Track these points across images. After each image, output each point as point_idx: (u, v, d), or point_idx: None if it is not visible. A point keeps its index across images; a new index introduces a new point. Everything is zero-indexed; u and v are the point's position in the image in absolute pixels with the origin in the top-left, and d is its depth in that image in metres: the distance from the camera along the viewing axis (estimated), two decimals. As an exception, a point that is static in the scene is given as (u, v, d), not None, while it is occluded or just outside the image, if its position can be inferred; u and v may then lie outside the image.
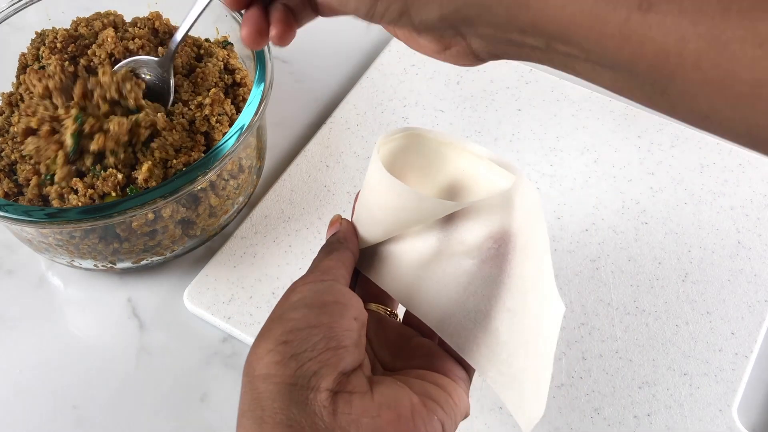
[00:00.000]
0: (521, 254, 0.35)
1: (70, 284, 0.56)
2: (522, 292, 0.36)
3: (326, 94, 0.67)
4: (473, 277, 0.35)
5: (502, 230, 0.35)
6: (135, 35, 0.55)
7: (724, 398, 0.48)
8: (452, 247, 0.36)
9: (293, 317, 0.33)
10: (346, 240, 0.38)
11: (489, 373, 0.35)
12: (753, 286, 0.53)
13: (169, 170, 0.50)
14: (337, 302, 0.34)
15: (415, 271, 0.37)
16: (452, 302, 0.35)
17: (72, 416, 0.49)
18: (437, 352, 0.37)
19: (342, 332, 0.33)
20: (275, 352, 0.32)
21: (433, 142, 0.38)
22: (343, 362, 0.32)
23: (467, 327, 0.35)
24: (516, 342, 0.35)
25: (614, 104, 0.63)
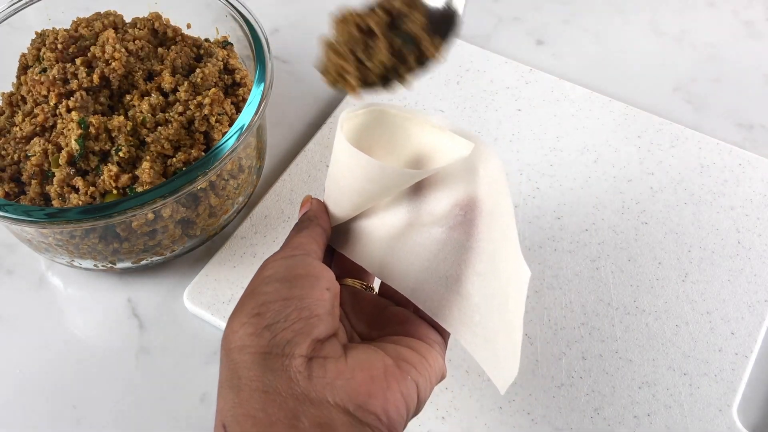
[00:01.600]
0: (487, 219, 0.37)
1: (70, 284, 0.56)
2: (490, 256, 0.37)
3: (326, 94, 0.67)
4: (443, 245, 0.36)
5: (467, 197, 0.36)
6: (135, 36, 0.55)
7: (724, 398, 0.48)
8: (421, 218, 0.37)
9: (265, 291, 0.34)
10: (317, 217, 0.39)
11: (463, 335, 0.36)
12: (753, 286, 0.53)
13: (169, 169, 0.50)
14: (308, 275, 0.35)
15: (387, 243, 0.38)
16: (424, 270, 0.36)
17: (72, 416, 0.49)
18: (412, 319, 0.38)
19: (314, 302, 0.33)
20: (249, 325, 0.33)
21: (397, 117, 0.39)
22: (316, 330, 0.33)
23: (439, 292, 0.36)
24: (488, 304, 0.37)
25: (614, 104, 0.63)
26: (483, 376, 0.49)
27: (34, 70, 0.53)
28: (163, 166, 0.50)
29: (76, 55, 0.53)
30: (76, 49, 0.54)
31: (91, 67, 0.53)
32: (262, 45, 0.53)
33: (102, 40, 0.53)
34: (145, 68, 0.54)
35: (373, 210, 0.39)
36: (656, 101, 0.66)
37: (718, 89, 0.67)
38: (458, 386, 0.49)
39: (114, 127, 0.49)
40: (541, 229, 0.56)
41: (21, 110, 0.53)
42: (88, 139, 0.49)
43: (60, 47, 0.53)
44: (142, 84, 0.53)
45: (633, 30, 0.72)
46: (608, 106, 0.63)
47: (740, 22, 0.72)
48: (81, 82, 0.51)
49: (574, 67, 0.68)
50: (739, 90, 0.67)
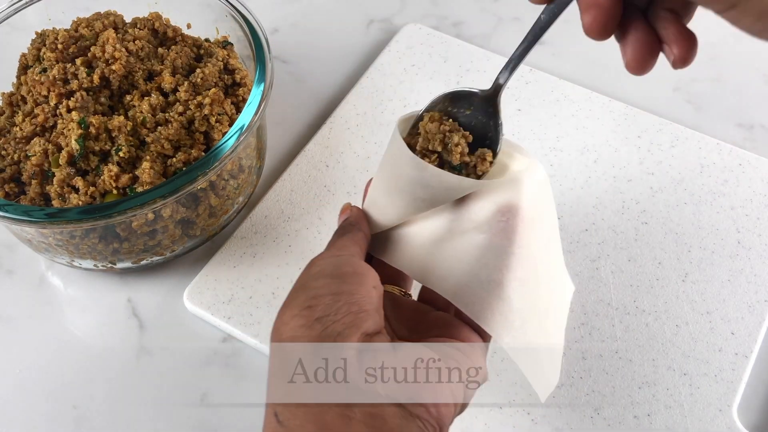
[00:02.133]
0: (529, 227, 0.37)
1: (70, 284, 0.56)
2: (531, 262, 0.37)
3: (326, 94, 0.67)
4: (485, 250, 0.37)
5: (509, 205, 0.37)
6: (135, 36, 0.55)
7: (724, 398, 0.48)
8: (463, 224, 0.37)
9: (315, 285, 0.34)
10: (358, 223, 0.40)
11: (504, 338, 0.36)
12: (753, 286, 0.53)
13: (169, 169, 0.50)
14: (355, 272, 0.35)
15: (428, 248, 0.38)
16: (465, 274, 0.37)
17: (72, 416, 0.49)
18: (454, 322, 0.38)
19: (362, 298, 0.34)
20: (300, 317, 0.33)
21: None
22: (365, 324, 0.33)
23: (481, 296, 0.36)
24: (528, 310, 0.37)
25: (614, 104, 0.63)
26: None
27: (35, 70, 0.53)
28: (163, 166, 0.50)
29: (76, 55, 0.53)
30: (77, 49, 0.54)
31: (92, 67, 0.53)
32: (262, 45, 0.53)
33: (102, 40, 0.53)
34: (145, 68, 0.54)
35: (412, 219, 0.39)
36: (656, 101, 0.66)
37: (718, 89, 0.67)
38: (458, 386, 0.49)
39: (114, 127, 0.50)
40: (541, 229, 0.56)
41: (21, 110, 0.53)
42: (88, 139, 0.49)
43: (60, 47, 0.53)
44: (143, 84, 0.53)
45: (633, 30, 0.72)
46: (608, 106, 0.63)
47: (740, 22, 0.72)
48: (81, 83, 0.51)
49: (574, 67, 0.68)
50: (739, 90, 0.67)
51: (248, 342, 0.51)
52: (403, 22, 0.71)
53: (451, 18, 0.73)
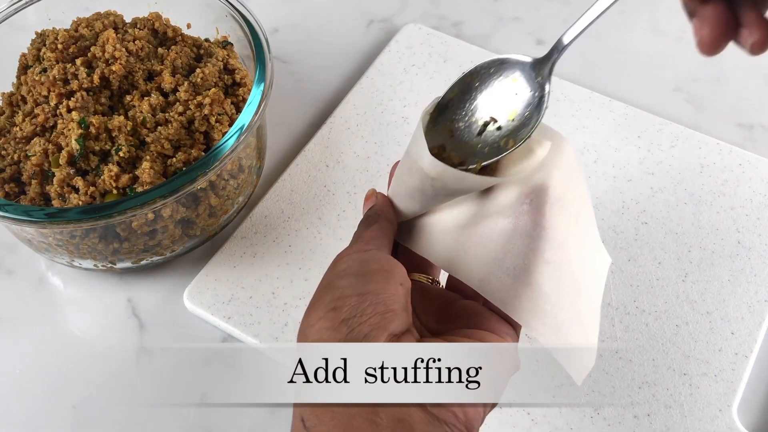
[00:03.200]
0: (556, 206, 0.36)
1: (70, 284, 0.56)
2: (559, 243, 0.36)
3: (326, 94, 0.67)
4: (510, 235, 0.36)
5: (535, 185, 0.36)
6: (135, 36, 0.55)
7: (724, 398, 0.48)
8: (488, 210, 0.36)
9: (341, 285, 0.34)
10: (384, 212, 0.39)
11: (533, 324, 0.35)
12: (753, 286, 0.53)
13: (169, 169, 0.50)
14: (381, 269, 0.35)
15: (453, 235, 0.37)
16: (491, 261, 0.36)
17: (72, 416, 0.49)
18: (482, 312, 0.38)
19: (389, 297, 0.33)
20: (325, 319, 0.33)
21: None
22: (392, 325, 0.33)
23: (507, 283, 0.35)
24: (559, 293, 0.36)
25: (614, 104, 0.63)
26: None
27: (35, 70, 0.53)
28: (163, 166, 0.50)
29: (76, 56, 0.53)
30: (77, 49, 0.54)
31: (92, 68, 0.53)
32: (262, 45, 0.53)
33: (102, 40, 0.53)
34: (145, 68, 0.54)
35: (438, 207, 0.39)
36: (656, 101, 0.66)
37: (718, 89, 0.67)
38: (458, 386, 0.48)
39: (114, 127, 0.50)
40: (541, 229, 0.56)
41: (21, 110, 0.53)
42: (88, 138, 0.49)
43: (60, 47, 0.53)
44: (143, 84, 0.53)
45: (633, 30, 0.72)
46: (608, 106, 0.63)
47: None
48: (81, 83, 0.51)
49: (574, 67, 0.68)
50: (739, 90, 0.67)
51: (248, 342, 0.51)
52: (403, 22, 0.71)
53: (451, 18, 0.73)
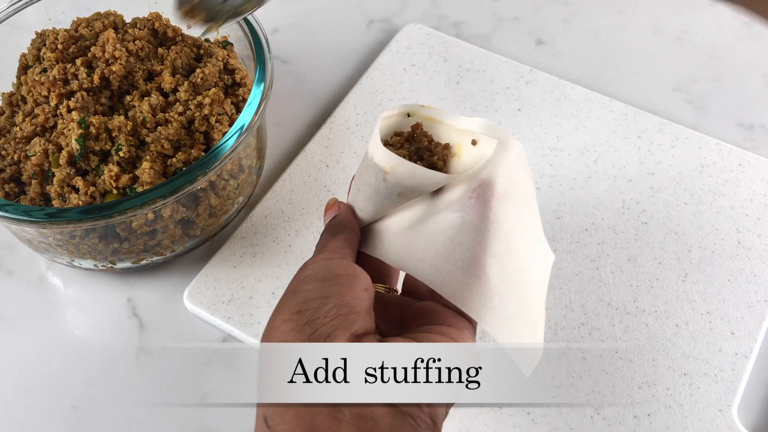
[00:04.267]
0: (502, 200, 0.37)
1: (70, 284, 0.56)
2: (506, 236, 0.37)
3: (326, 94, 0.67)
4: (459, 229, 0.36)
5: (482, 180, 0.36)
6: (135, 36, 0.55)
7: (724, 398, 0.48)
8: (437, 207, 0.37)
9: (306, 289, 0.34)
10: (348, 222, 0.40)
11: (484, 318, 0.36)
12: (753, 286, 0.53)
13: (169, 169, 0.50)
14: (347, 274, 0.35)
15: (404, 234, 0.38)
16: (440, 255, 0.37)
17: (72, 416, 0.49)
18: (437, 309, 0.38)
19: (353, 300, 0.34)
20: (290, 321, 0.33)
21: (425, 119, 0.39)
22: (355, 325, 0.33)
23: (457, 276, 0.36)
24: (506, 286, 0.36)
25: (614, 104, 0.63)
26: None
27: (35, 70, 0.53)
28: (163, 166, 0.50)
29: (76, 56, 0.53)
30: (77, 49, 0.54)
31: (92, 68, 0.53)
32: (262, 45, 0.53)
33: (102, 40, 0.53)
34: (145, 68, 0.54)
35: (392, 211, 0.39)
36: (656, 101, 0.66)
37: (718, 89, 0.67)
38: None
39: (114, 127, 0.50)
40: (541, 229, 0.56)
41: (21, 110, 0.53)
42: (88, 138, 0.49)
43: (60, 47, 0.53)
44: (143, 84, 0.53)
45: (633, 30, 0.72)
46: (608, 106, 0.63)
47: (740, 22, 0.72)
48: (81, 83, 0.51)
49: (574, 67, 0.68)
50: (739, 90, 0.67)
51: (248, 342, 0.51)
52: (403, 22, 0.72)
53: (451, 18, 0.73)
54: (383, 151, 0.36)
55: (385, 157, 0.36)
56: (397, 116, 0.39)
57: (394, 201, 0.38)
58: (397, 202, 0.38)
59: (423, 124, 0.39)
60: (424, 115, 0.39)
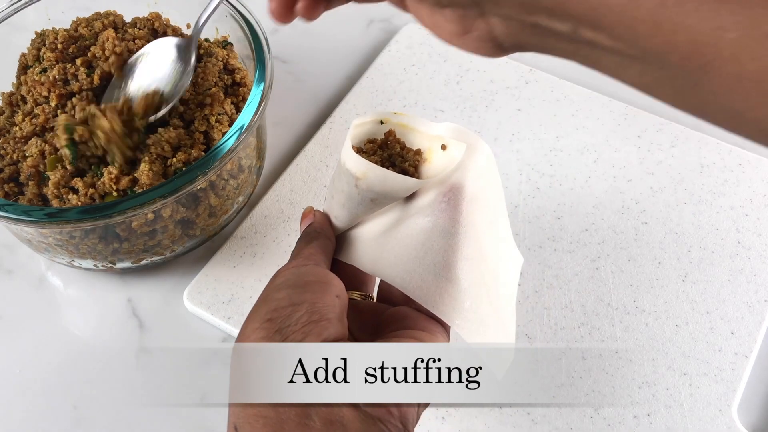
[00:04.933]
0: (472, 204, 0.37)
1: (70, 284, 0.56)
2: (476, 239, 0.37)
3: (326, 94, 0.67)
4: (430, 233, 0.37)
5: (452, 184, 0.37)
6: (135, 36, 0.55)
7: (724, 398, 0.48)
8: (409, 212, 0.38)
9: (277, 297, 0.34)
10: (323, 229, 0.40)
11: (455, 321, 0.36)
12: (753, 286, 0.53)
13: (169, 169, 0.50)
14: (318, 281, 0.35)
15: (378, 240, 0.39)
16: (412, 260, 0.37)
17: (72, 416, 0.49)
18: (411, 314, 0.38)
19: (324, 306, 0.34)
20: (261, 329, 0.33)
21: (398, 126, 0.40)
22: (326, 332, 0.33)
23: (429, 280, 0.36)
24: (477, 289, 0.37)
25: (614, 104, 0.63)
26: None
27: (35, 70, 0.53)
28: (163, 166, 0.50)
29: (76, 55, 0.53)
30: (76, 49, 0.54)
31: (92, 67, 0.53)
32: (262, 45, 0.53)
33: (102, 40, 0.53)
34: (145, 68, 0.54)
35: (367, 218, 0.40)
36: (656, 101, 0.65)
37: (718, 89, 0.67)
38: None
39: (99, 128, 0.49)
40: (541, 229, 0.56)
41: (21, 110, 0.53)
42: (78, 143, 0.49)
43: (60, 47, 0.53)
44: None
45: (633, 30, 0.72)
46: (608, 106, 0.63)
47: (740, 22, 0.72)
48: (82, 84, 0.51)
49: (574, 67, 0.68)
50: (739, 90, 0.67)
51: (248, 342, 0.51)
52: (403, 22, 0.71)
53: (451, 18, 0.73)
54: (355, 158, 0.36)
55: (357, 164, 0.36)
56: (370, 123, 0.40)
57: (368, 207, 0.38)
58: (370, 209, 0.38)
59: (396, 131, 0.40)
60: (396, 122, 0.40)
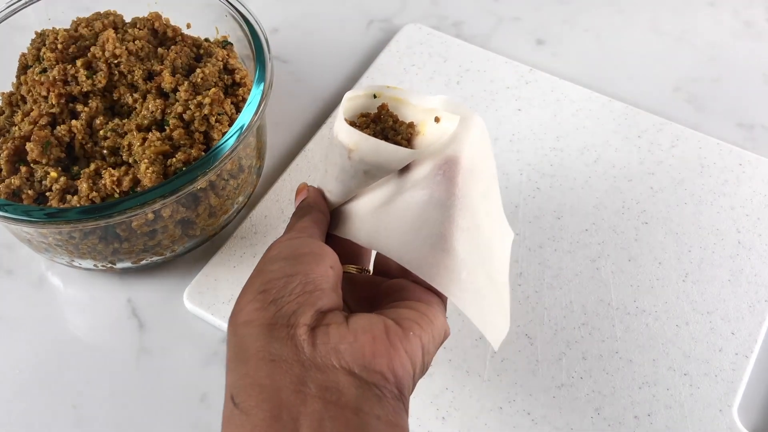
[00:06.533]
0: (467, 176, 0.37)
1: (70, 284, 0.56)
2: (471, 211, 0.37)
3: (326, 94, 0.67)
4: (426, 205, 0.37)
5: (447, 157, 0.37)
6: (135, 36, 0.55)
7: (725, 398, 0.48)
8: (405, 186, 0.38)
9: (271, 269, 0.35)
10: (316, 203, 0.40)
11: (452, 292, 0.36)
12: (753, 286, 0.53)
13: (169, 168, 0.50)
14: (312, 253, 0.36)
15: (374, 214, 0.39)
16: (409, 232, 0.37)
17: (72, 416, 0.49)
18: (407, 286, 0.38)
19: (318, 277, 0.34)
20: (255, 301, 0.34)
21: (391, 100, 0.40)
22: (320, 302, 0.34)
23: (425, 251, 0.37)
24: (473, 259, 0.37)
25: (614, 104, 0.63)
26: (483, 377, 0.49)
27: (35, 70, 0.53)
28: (163, 166, 0.50)
29: (76, 56, 0.53)
30: (76, 49, 0.54)
31: (91, 68, 0.53)
32: (262, 45, 0.53)
33: (102, 40, 0.53)
34: (145, 68, 0.54)
35: (361, 192, 0.40)
36: (656, 101, 0.66)
37: (718, 89, 0.67)
38: (459, 387, 0.49)
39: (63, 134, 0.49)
40: (541, 229, 0.56)
41: (21, 110, 0.53)
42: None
43: (60, 47, 0.53)
44: (142, 84, 0.53)
45: (633, 30, 0.72)
46: (608, 106, 0.63)
47: (740, 22, 0.72)
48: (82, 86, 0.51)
49: (574, 67, 0.68)
50: (739, 90, 0.67)
51: (248, 342, 0.51)
52: (403, 22, 0.72)
53: (451, 18, 0.73)
54: (347, 129, 0.37)
55: (349, 135, 0.37)
56: (363, 97, 0.40)
57: (361, 180, 0.38)
58: (364, 182, 0.38)
59: (389, 104, 0.40)
60: (389, 95, 0.40)
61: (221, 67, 0.55)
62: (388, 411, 0.32)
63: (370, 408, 0.31)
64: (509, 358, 0.50)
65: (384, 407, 0.31)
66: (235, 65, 0.56)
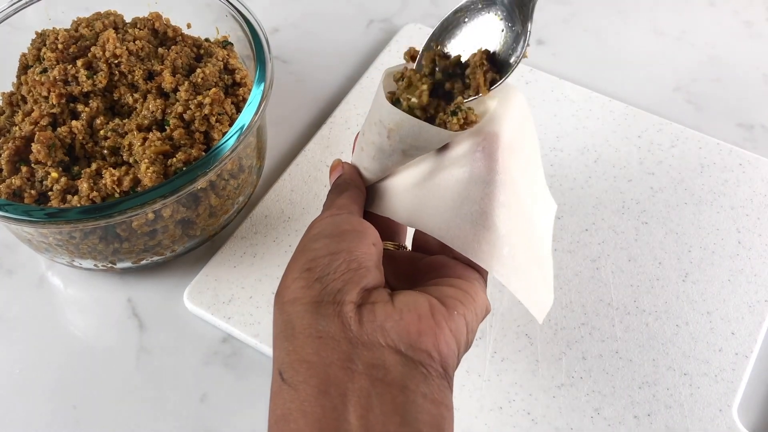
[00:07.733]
0: (507, 152, 0.37)
1: (70, 284, 0.56)
2: (512, 186, 0.37)
3: (326, 94, 0.67)
4: (466, 183, 0.37)
5: (486, 134, 0.37)
6: (135, 36, 0.55)
7: (725, 398, 0.48)
8: (443, 164, 0.38)
9: (315, 247, 0.35)
10: (353, 179, 0.40)
11: (495, 268, 0.36)
12: (753, 286, 0.53)
13: (169, 168, 0.50)
14: (354, 230, 0.36)
15: (413, 191, 0.39)
16: (450, 209, 0.37)
17: (72, 416, 0.49)
18: (448, 263, 0.38)
19: (362, 255, 0.34)
20: (300, 279, 0.34)
21: None
22: (364, 280, 0.34)
23: (466, 228, 0.36)
24: (515, 235, 0.37)
25: (614, 104, 0.63)
26: (483, 376, 0.49)
27: (35, 70, 0.53)
28: (163, 166, 0.50)
29: (76, 56, 0.53)
30: (77, 49, 0.54)
31: (92, 68, 0.53)
32: (262, 45, 0.53)
33: (102, 40, 0.53)
34: (145, 68, 0.54)
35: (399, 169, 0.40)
36: (656, 101, 0.66)
37: (718, 89, 0.67)
38: (458, 386, 0.49)
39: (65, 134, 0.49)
40: (541, 229, 0.56)
41: (21, 110, 0.53)
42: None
43: (60, 47, 0.53)
44: (143, 84, 0.53)
45: (633, 30, 0.72)
46: (608, 106, 0.63)
47: (740, 22, 0.72)
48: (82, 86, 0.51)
49: (574, 67, 0.68)
50: (739, 90, 0.67)
51: (248, 342, 0.51)
52: (403, 22, 0.72)
53: (451, 18, 0.73)
54: (388, 108, 0.36)
55: (390, 115, 0.36)
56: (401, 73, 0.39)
57: (399, 159, 0.38)
58: (401, 161, 0.38)
59: None
60: None
61: (221, 67, 0.55)
62: (434, 389, 0.32)
63: (416, 386, 0.31)
64: (509, 357, 0.50)
65: (430, 385, 0.32)
66: (236, 65, 0.56)
